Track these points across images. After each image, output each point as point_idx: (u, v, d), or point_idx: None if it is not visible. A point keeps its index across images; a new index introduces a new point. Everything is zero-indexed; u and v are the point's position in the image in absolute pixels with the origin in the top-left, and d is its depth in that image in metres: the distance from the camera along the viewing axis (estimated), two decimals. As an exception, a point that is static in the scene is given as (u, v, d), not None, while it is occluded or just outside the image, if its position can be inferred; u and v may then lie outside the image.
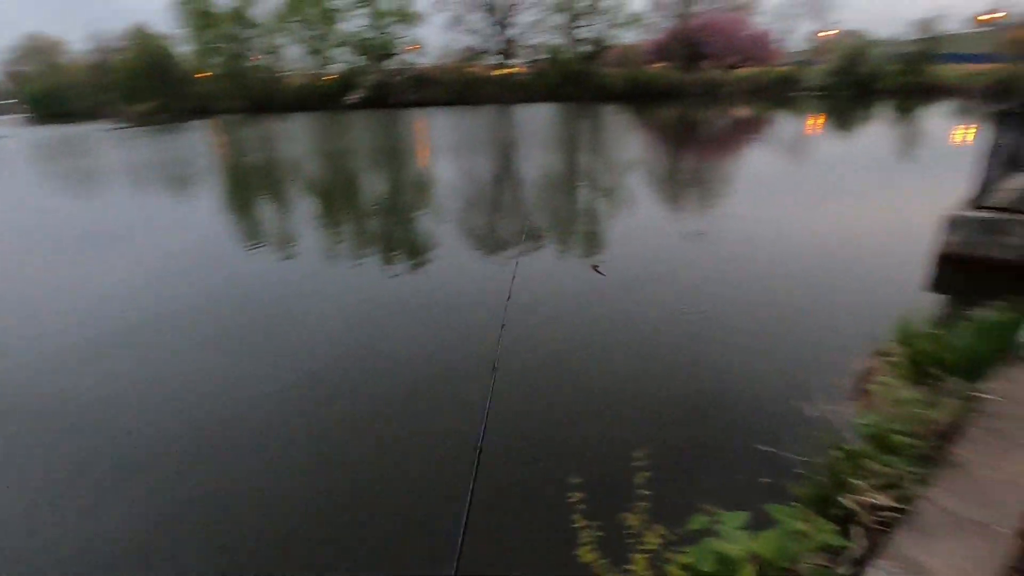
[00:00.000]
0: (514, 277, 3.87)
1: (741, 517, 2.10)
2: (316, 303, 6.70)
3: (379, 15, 50.64)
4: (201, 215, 12.00)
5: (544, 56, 53.94)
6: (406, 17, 51.55)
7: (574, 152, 20.10)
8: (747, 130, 25.93)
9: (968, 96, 37.14)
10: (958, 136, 20.49)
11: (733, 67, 52.33)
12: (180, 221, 11.45)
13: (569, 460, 3.74)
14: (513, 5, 52.94)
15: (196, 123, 38.39)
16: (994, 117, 6.89)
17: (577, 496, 2.03)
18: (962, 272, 6.53)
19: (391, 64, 51.97)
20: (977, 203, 6.66)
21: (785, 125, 27.27)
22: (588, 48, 52.22)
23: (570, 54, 52.72)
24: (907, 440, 2.58)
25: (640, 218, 10.64)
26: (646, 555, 1.89)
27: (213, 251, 9.17)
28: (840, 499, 2.45)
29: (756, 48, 52.42)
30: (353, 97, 46.88)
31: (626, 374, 4.88)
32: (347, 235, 10.01)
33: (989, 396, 2.81)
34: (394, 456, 3.95)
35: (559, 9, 52.05)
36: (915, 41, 46.53)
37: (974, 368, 3.55)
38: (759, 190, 12.50)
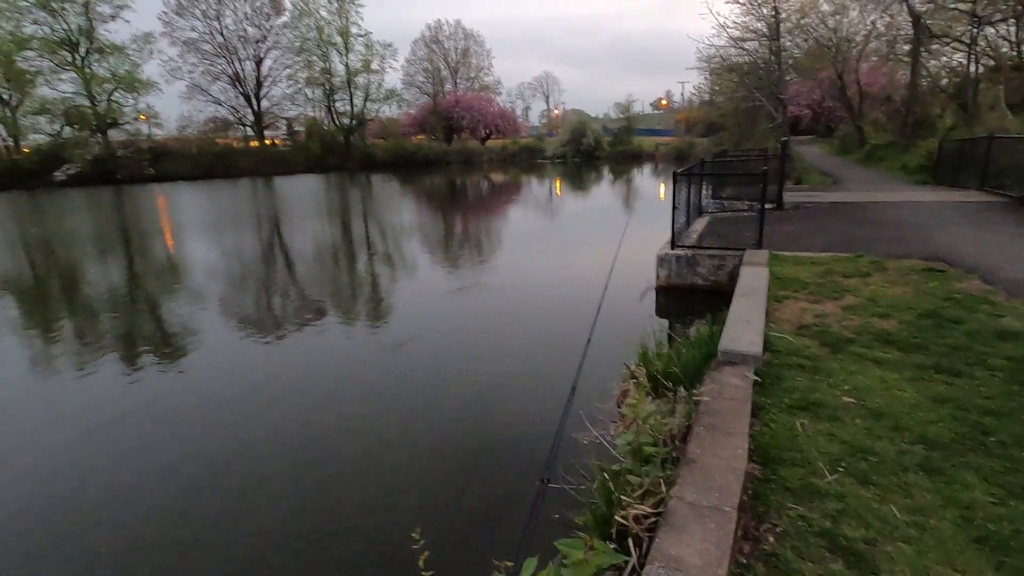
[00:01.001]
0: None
1: (532, 564, 2.16)
2: (23, 427, 5.13)
3: (94, 80, 43.72)
4: None
5: (301, 128, 52.96)
6: (132, 84, 45.49)
7: (345, 221, 19.78)
8: (503, 193, 28.91)
9: (660, 160, 47.85)
10: (661, 191, 25.97)
11: (486, 139, 58.50)
12: None
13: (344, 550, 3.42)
14: (264, 77, 51.15)
15: None
16: (676, 177, 8.90)
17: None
18: (675, 298, 8.12)
19: (116, 135, 45.03)
20: (675, 243, 8.42)
21: (533, 188, 31.16)
22: (348, 121, 52.89)
23: (330, 127, 52.71)
24: (654, 449, 3.00)
25: (414, 279, 10.85)
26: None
27: None
28: (615, 517, 2.71)
29: (503, 122, 59.73)
30: (63, 173, 38.92)
31: (401, 434, 4.77)
32: (67, 339, 8.01)
33: (704, 398, 3.46)
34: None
35: (313, 83, 51.97)
36: (619, 119, 58.48)
37: (693, 376, 4.37)
38: (517, 244, 13.90)
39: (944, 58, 22.78)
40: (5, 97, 41.42)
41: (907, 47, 22.36)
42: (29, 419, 5.45)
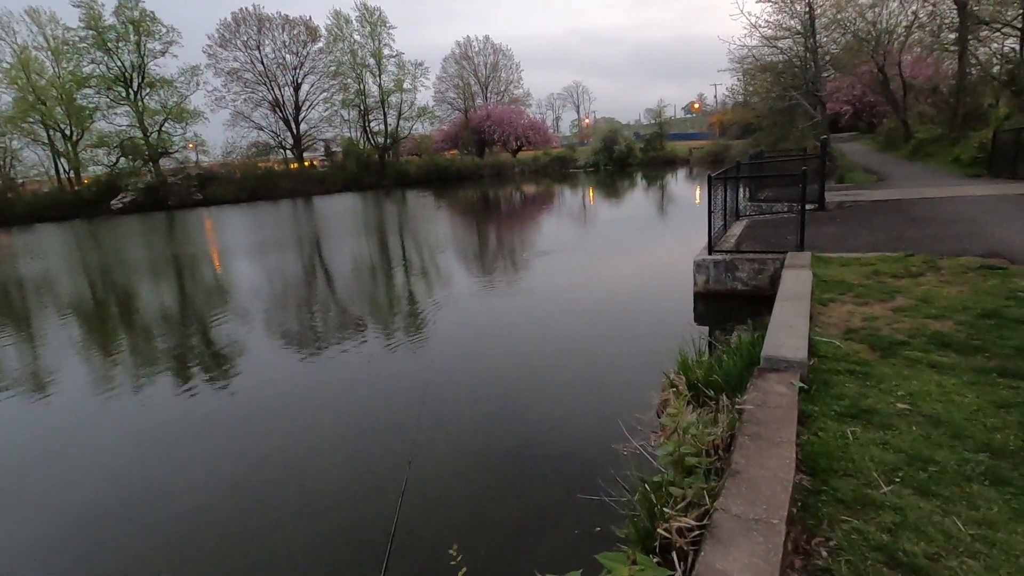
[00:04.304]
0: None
1: (574, 577, 2.13)
2: (86, 442, 5.42)
3: (146, 113, 46.35)
4: None
5: (338, 149, 54.57)
6: (180, 115, 48.04)
7: (384, 236, 20.20)
8: (535, 203, 28.98)
9: (694, 164, 47.10)
10: (696, 195, 25.54)
11: (517, 151, 58.88)
12: None
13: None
14: (302, 101, 53.03)
15: None
16: (711, 181, 8.73)
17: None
18: (714, 305, 7.92)
19: (167, 163, 47.49)
20: (712, 248, 8.25)
21: (565, 197, 31.12)
22: (382, 140, 54.22)
23: (365, 146, 54.13)
24: (696, 460, 2.93)
25: (448, 288, 10.93)
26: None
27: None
28: (658, 530, 2.65)
29: (534, 134, 60.01)
30: (119, 201, 41.18)
31: (443, 445, 4.79)
32: (124, 360, 8.43)
33: (747, 406, 3.36)
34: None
35: (348, 105, 53.55)
36: (651, 125, 57.97)
37: (736, 384, 4.25)
38: (550, 253, 13.86)
39: (995, 44, 21.71)
40: (67, 133, 44.30)
41: (953, 35, 21.41)
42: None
